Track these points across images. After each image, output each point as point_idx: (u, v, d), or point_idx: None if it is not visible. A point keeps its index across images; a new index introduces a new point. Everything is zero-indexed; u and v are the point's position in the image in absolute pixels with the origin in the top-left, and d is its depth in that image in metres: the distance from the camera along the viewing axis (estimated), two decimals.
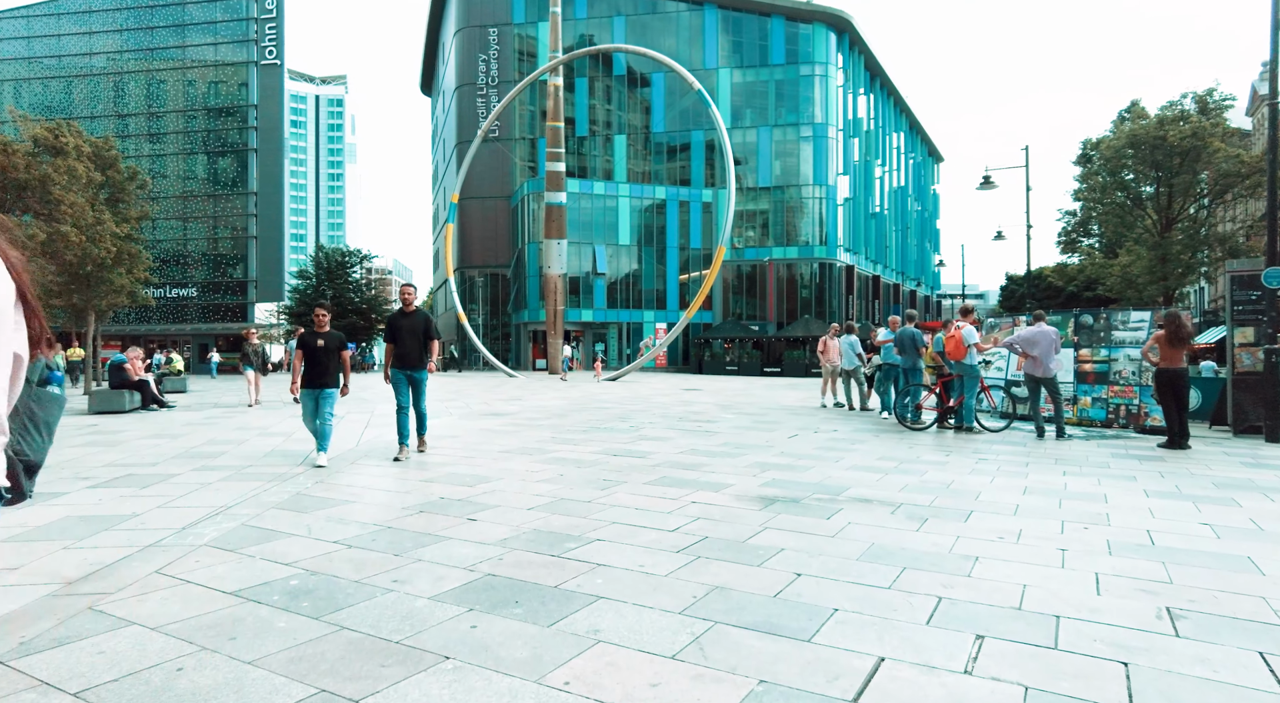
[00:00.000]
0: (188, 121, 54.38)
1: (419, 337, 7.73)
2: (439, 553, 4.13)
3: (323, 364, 7.52)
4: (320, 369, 7.50)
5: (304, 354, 7.51)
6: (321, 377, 7.49)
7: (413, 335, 7.70)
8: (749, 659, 2.73)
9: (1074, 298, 44.55)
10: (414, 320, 7.76)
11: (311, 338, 7.57)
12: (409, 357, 7.72)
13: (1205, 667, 2.68)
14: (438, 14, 62.84)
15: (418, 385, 7.85)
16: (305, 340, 7.57)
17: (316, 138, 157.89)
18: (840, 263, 48.65)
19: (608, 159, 51.17)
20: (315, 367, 7.51)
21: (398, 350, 7.74)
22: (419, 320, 7.79)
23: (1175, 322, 8.86)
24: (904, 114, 65.21)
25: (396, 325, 7.75)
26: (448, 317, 52.83)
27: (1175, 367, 8.94)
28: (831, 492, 5.95)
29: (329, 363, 7.54)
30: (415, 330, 7.71)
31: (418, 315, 7.83)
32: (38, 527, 4.78)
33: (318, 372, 7.49)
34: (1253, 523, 4.98)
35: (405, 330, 7.70)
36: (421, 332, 7.75)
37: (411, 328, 7.71)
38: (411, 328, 7.71)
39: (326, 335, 7.62)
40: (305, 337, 7.61)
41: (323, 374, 7.49)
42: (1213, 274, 31.90)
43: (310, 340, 7.56)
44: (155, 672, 2.63)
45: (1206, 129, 26.50)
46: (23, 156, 14.21)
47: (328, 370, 7.53)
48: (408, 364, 7.74)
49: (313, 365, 7.51)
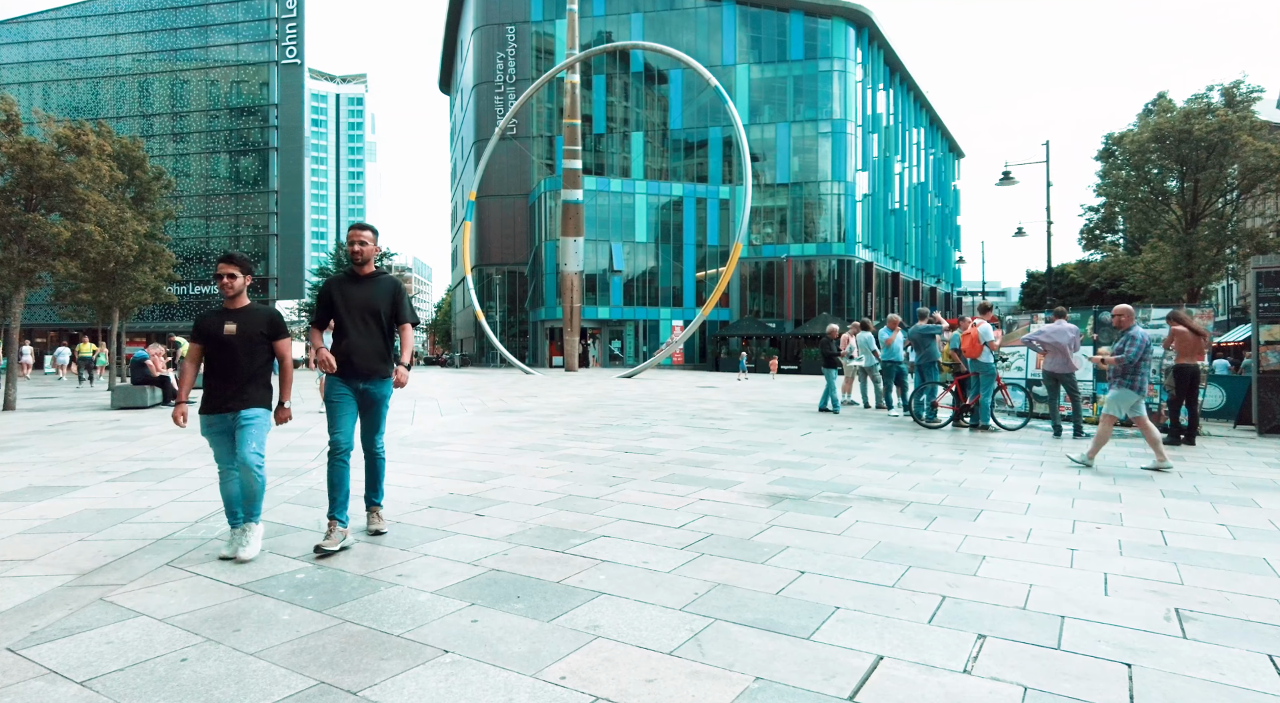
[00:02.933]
0: (210, 121, 55.16)
1: (377, 319, 4.39)
2: (445, 548, 4.16)
3: (236, 367, 4.14)
4: (232, 376, 4.12)
5: (204, 351, 4.22)
6: (235, 389, 4.11)
7: (367, 316, 4.36)
8: (746, 656, 2.72)
9: (1097, 295, 43.90)
10: (369, 290, 4.40)
11: (215, 322, 4.17)
12: (358, 354, 4.30)
13: (1211, 669, 2.64)
14: (456, 12, 63.16)
15: (372, 408, 4.41)
16: (206, 327, 4.19)
17: (337, 136, 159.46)
18: (859, 260, 48.33)
19: (625, 156, 51.18)
20: (224, 372, 4.14)
21: (339, 343, 4.36)
22: (380, 290, 4.42)
23: (1187, 318, 8.97)
24: (924, 109, 64.59)
25: (338, 297, 4.39)
26: (466, 314, 53.17)
27: (1196, 362, 8.94)
28: (841, 490, 5.92)
29: (250, 364, 4.16)
30: (371, 307, 4.37)
31: (378, 283, 4.45)
32: (56, 519, 4.88)
33: (228, 381, 4.12)
34: (1271, 524, 4.88)
35: (354, 306, 4.36)
36: (384, 310, 4.40)
37: (364, 303, 4.37)
38: (364, 303, 4.37)
39: (243, 315, 4.21)
40: (206, 321, 4.21)
41: (238, 385, 4.12)
42: (1240, 271, 31.29)
43: (214, 327, 4.16)
44: (160, 662, 2.67)
45: (1234, 122, 25.94)
46: (48, 156, 14.47)
47: (247, 378, 4.14)
48: (355, 369, 4.30)
49: (220, 371, 4.15)
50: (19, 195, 14.50)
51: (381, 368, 4.38)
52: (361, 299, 4.38)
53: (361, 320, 4.37)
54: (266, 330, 4.24)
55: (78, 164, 14.85)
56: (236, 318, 4.18)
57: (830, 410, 12.98)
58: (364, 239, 4.41)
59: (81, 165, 14.85)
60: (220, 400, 4.13)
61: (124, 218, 16.92)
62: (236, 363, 4.15)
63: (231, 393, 4.13)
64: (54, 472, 6.74)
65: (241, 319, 4.19)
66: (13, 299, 15.20)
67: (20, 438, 9.40)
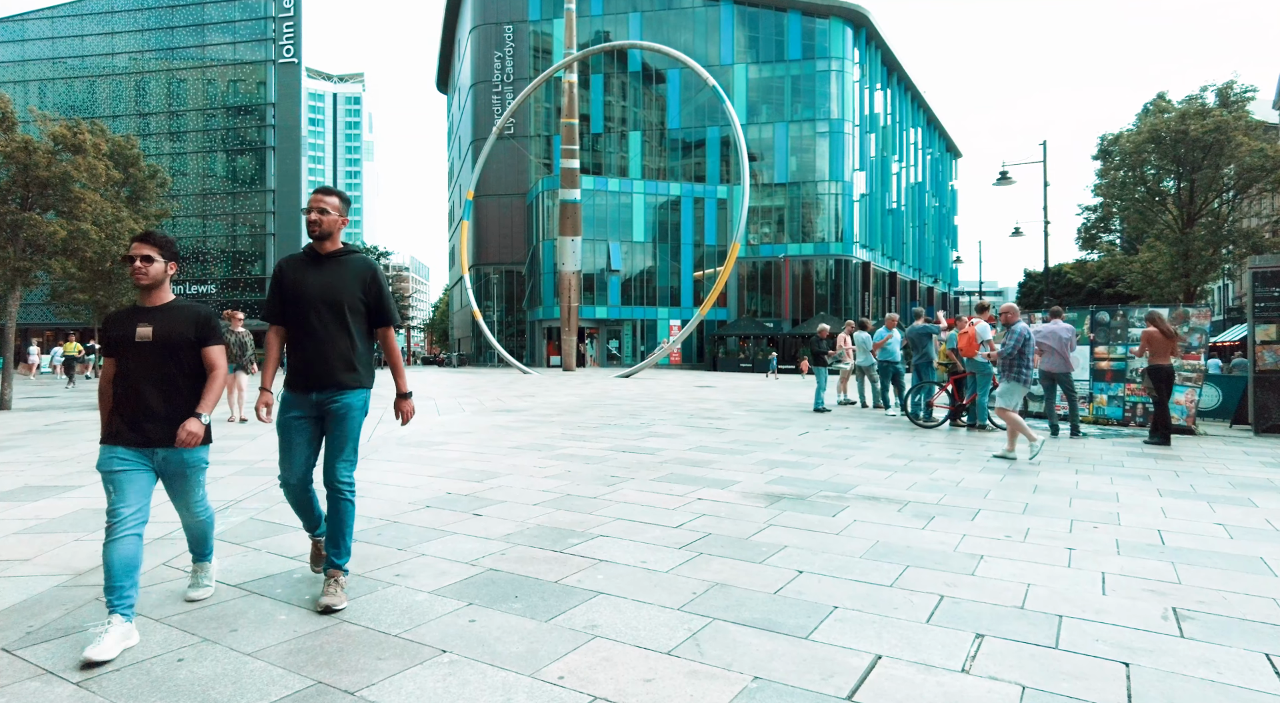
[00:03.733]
0: (207, 120, 55.08)
1: (342, 313, 3.36)
2: (443, 548, 4.16)
3: (158, 385, 3.05)
4: (150, 397, 3.04)
5: (114, 364, 3.10)
6: (159, 413, 3.03)
7: (327, 309, 3.35)
8: (744, 656, 2.72)
9: (1094, 295, 44.01)
10: (333, 274, 3.38)
11: (125, 324, 3.10)
12: (320, 358, 3.33)
13: (1209, 668, 2.64)
14: (454, 11, 63.09)
15: (337, 425, 3.35)
16: (112, 330, 3.10)
17: (334, 136, 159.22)
18: (856, 259, 48.37)
19: (623, 156, 51.17)
20: (135, 392, 3.05)
21: (295, 343, 3.38)
22: (347, 275, 3.40)
23: (1163, 320, 9.08)
24: (921, 109, 64.66)
25: (292, 285, 3.39)
26: (464, 313, 53.12)
27: (1165, 363, 9.11)
28: (839, 489, 5.92)
29: (177, 379, 3.09)
30: (333, 297, 3.35)
31: (345, 265, 3.42)
32: (52, 519, 4.87)
33: (148, 402, 3.04)
34: (1268, 524, 4.89)
35: (311, 296, 3.35)
36: (351, 301, 3.38)
37: (325, 291, 3.35)
38: (325, 291, 3.35)
39: (163, 315, 3.12)
40: (112, 322, 3.14)
41: (160, 407, 3.04)
42: (1236, 271, 31.37)
43: (122, 329, 3.09)
44: (156, 662, 2.66)
45: (1229, 123, 26.02)
46: (44, 155, 14.43)
47: (171, 398, 3.07)
48: (316, 378, 3.32)
49: (131, 389, 3.05)
50: (15, 194, 14.48)
51: (348, 378, 3.31)
52: (321, 286, 3.32)
53: (320, 316, 3.29)
54: (193, 334, 3.08)
55: (74, 163, 14.83)
56: (153, 318, 3.05)
57: (819, 410, 12.96)
58: (326, 206, 3.37)
59: (78, 164, 14.83)
60: (135, 431, 2.98)
61: (120, 217, 16.89)
62: (152, 379, 2.98)
63: (150, 420, 3.00)
64: (50, 471, 6.71)
65: (159, 320, 3.05)
66: (9, 299, 15.16)
67: (16, 437, 9.37)
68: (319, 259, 3.42)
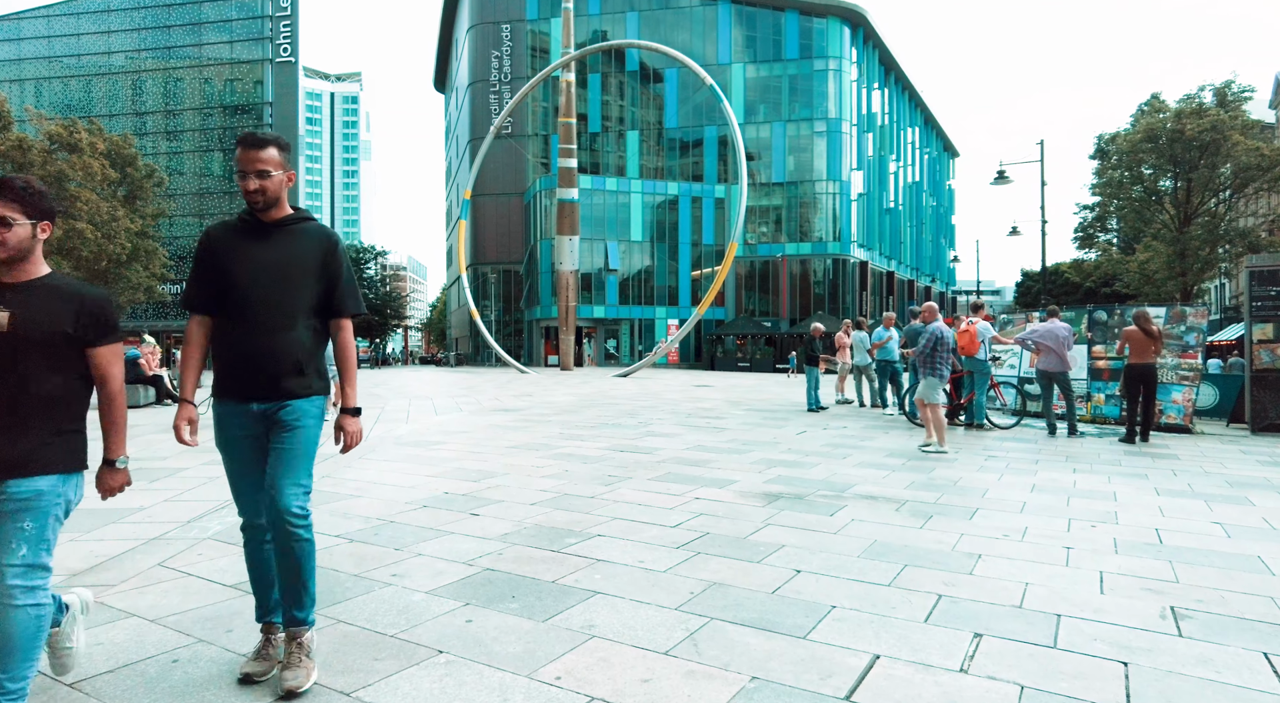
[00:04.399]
0: (204, 119, 54.98)
1: (291, 297, 2.56)
2: (440, 548, 4.14)
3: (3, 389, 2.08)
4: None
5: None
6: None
7: (271, 292, 2.54)
8: (742, 656, 2.71)
9: (1091, 294, 44.08)
10: (281, 247, 2.58)
11: None
12: (261, 359, 2.53)
13: (1208, 668, 2.63)
14: (451, 10, 63.01)
15: (284, 439, 2.53)
16: None
17: (331, 135, 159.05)
18: (854, 259, 48.38)
19: (621, 155, 51.14)
20: None
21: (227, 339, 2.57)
22: (300, 249, 2.60)
23: (1146, 319, 9.11)
24: (919, 109, 64.70)
25: (226, 261, 2.56)
26: (461, 313, 53.06)
27: (1146, 362, 9.08)
28: (837, 489, 5.92)
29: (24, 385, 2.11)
30: (281, 276, 2.56)
31: (301, 235, 2.62)
32: None
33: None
34: (1265, 522, 4.90)
35: (250, 275, 2.54)
36: (304, 282, 2.59)
37: (273, 271, 2.55)
38: (273, 271, 2.55)
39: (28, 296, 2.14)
40: None
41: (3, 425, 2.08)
42: (1233, 270, 31.43)
43: None
44: (151, 663, 2.65)
45: (1226, 122, 26.09)
46: (39, 153, 14.40)
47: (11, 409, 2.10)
48: (256, 385, 2.54)
49: None
50: None
51: (297, 384, 2.53)
52: (265, 264, 2.52)
53: (264, 303, 2.49)
54: (71, 326, 2.16)
55: (70, 162, 14.79)
56: (14, 299, 2.11)
57: (814, 410, 12.93)
58: (264, 165, 2.48)
59: (73, 163, 14.79)
60: None
61: (116, 216, 16.85)
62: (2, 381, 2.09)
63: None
64: None
65: (22, 302, 2.12)
66: None
67: None
68: (262, 229, 2.56)
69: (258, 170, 2.49)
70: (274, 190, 2.53)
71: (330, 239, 2.65)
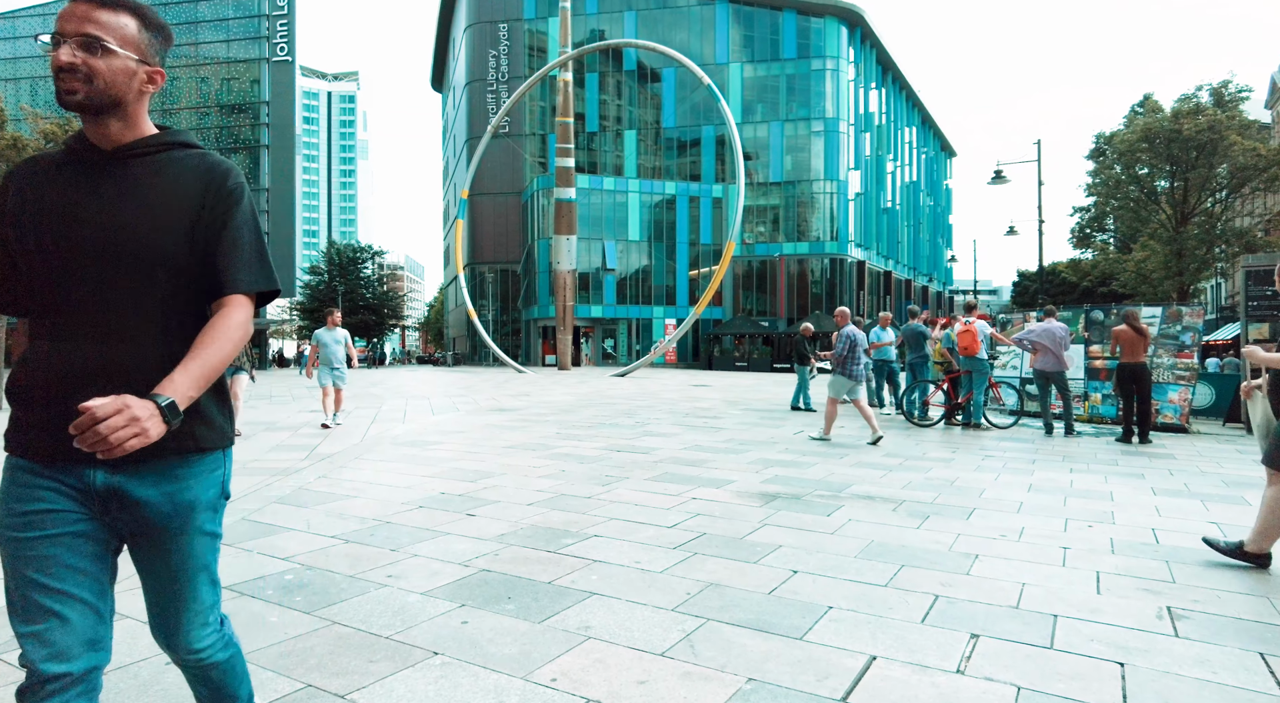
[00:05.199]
0: (201, 118, 54.83)
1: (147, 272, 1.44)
2: (435, 548, 4.13)
3: None
4: None
5: None
6: None
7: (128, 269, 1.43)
8: (739, 657, 2.70)
9: (1088, 294, 44.15)
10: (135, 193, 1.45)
11: None
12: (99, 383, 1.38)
13: (1204, 668, 2.63)
14: (449, 10, 62.92)
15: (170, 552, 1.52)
16: None
17: (329, 134, 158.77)
18: (851, 258, 48.41)
19: (618, 155, 51.09)
20: None
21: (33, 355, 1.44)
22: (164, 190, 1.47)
23: (1135, 318, 9.13)
24: (916, 108, 64.73)
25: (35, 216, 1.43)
26: (459, 312, 53.02)
27: (1138, 361, 9.07)
28: (834, 489, 5.91)
29: None
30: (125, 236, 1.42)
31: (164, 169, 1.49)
32: None
33: None
34: None
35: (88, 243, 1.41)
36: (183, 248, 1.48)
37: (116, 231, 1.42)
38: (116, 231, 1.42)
39: None
40: None
41: None
42: (1229, 269, 31.51)
43: None
44: (144, 666, 2.63)
45: (1223, 122, 26.14)
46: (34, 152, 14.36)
47: None
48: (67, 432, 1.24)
49: None
50: None
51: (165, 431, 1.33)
52: (102, 219, 1.45)
53: (97, 286, 1.45)
54: None
55: None
56: None
57: (803, 409, 12.95)
58: (98, 25, 1.42)
59: None
60: None
61: None
62: None
63: None
64: None
65: None
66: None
67: None
68: (98, 162, 1.50)
69: (83, 34, 1.41)
70: (108, 79, 1.43)
71: (216, 173, 1.56)
